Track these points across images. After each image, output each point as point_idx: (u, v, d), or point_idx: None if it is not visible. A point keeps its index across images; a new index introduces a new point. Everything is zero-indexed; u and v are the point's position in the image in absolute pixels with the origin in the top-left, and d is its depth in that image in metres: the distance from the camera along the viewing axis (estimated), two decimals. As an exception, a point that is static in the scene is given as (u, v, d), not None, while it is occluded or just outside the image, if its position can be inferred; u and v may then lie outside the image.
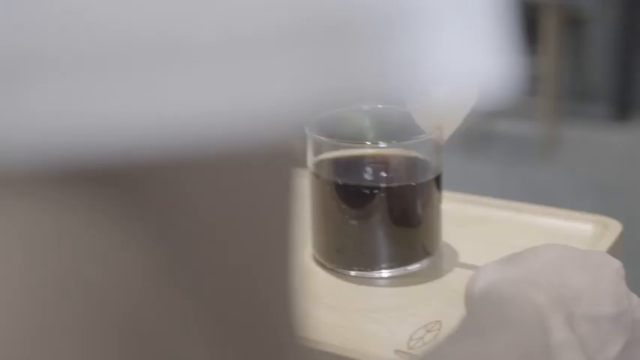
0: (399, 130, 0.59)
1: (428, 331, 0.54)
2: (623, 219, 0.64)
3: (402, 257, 0.59)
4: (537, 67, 3.55)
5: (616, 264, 0.52)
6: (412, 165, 0.59)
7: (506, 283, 0.49)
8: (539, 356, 0.45)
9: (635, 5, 3.75)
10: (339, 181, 0.58)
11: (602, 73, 4.07)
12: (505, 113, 3.65)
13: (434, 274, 0.59)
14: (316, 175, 0.59)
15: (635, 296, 0.52)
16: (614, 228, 0.64)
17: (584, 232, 0.64)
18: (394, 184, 0.58)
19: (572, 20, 3.94)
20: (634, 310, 0.51)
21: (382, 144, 0.58)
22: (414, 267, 0.59)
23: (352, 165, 0.59)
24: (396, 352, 0.52)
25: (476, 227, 0.65)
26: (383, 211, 0.58)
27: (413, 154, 0.59)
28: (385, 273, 0.59)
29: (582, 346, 0.48)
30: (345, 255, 0.60)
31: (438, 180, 0.59)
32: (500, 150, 3.34)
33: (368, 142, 0.60)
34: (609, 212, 0.56)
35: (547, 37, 3.47)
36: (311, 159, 0.59)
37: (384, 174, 0.58)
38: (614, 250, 0.62)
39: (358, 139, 0.61)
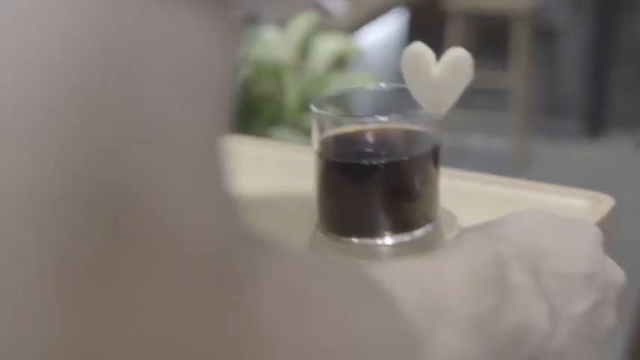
0: (400, 107, 0.67)
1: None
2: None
3: (401, 225, 0.67)
4: (508, 82, 3.62)
5: (594, 230, 0.57)
6: (410, 138, 0.68)
7: (476, 235, 0.54)
8: (492, 289, 0.49)
9: (608, 16, 3.83)
10: (340, 154, 0.67)
11: (575, 88, 4.15)
12: (476, 128, 3.73)
13: (432, 241, 0.68)
14: (319, 150, 0.67)
15: (610, 260, 0.57)
16: (607, 203, 0.72)
17: (577, 206, 0.72)
18: (392, 156, 0.66)
19: (543, 33, 4.04)
20: (607, 274, 0.56)
21: (381, 118, 0.66)
22: (413, 234, 0.68)
23: (353, 139, 0.68)
24: None
25: (472, 201, 0.74)
26: (382, 182, 0.66)
27: (411, 127, 0.67)
28: (384, 240, 0.67)
29: (546, 298, 0.51)
30: (348, 224, 0.68)
31: (436, 151, 0.67)
32: (471, 165, 3.43)
33: (368, 117, 0.69)
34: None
35: (518, 50, 3.54)
36: (315, 135, 0.68)
37: (382, 147, 0.67)
38: (605, 224, 0.69)
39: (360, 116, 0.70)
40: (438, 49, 0.65)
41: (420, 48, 0.65)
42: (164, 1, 0.28)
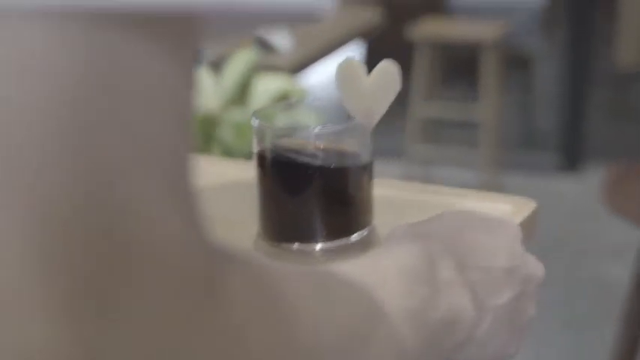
0: (333, 119, 0.77)
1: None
2: (569, 271, 0.76)
3: (338, 230, 0.77)
4: (478, 113, 3.69)
5: (514, 227, 0.66)
6: (344, 147, 0.77)
7: (403, 233, 0.63)
8: (423, 283, 0.57)
9: (582, 43, 3.89)
10: (278, 164, 0.76)
11: (549, 119, 4.23)
12: (444, 161, 3.80)
13: (369, 244, 0.77)
14: (259, 160, 0.77)
15: (531, 256, 0.65)
16: (528, 206, 0.84)
17: (502, 209, 0.83)
18: (327, 165, 0.76)
19: (515, 61, 4.11)
20: (528, 268, 0.64)
21: (317, 129, 0.76)
22: (350, 238, 0.77)
23: (290, 149, 0.77)
24: None
25: (406, 207, 0.84)
26: (318, 189, 0.76)
27: (344, 137, 0.77)
28: (323, 245, 0.77)
29: (471, 289, 0.59)
30: (288, 231, 0.77)
31: (368, 160, 0.77)
32: (440, 200, 3.51)
33: (304, 128, 0.78)
34: (556, 265, 0.67)
35: (488, 80, 3.61)
36: (255, 145, 0.77)
37: (318, 156, 0.76)
38: (526, 225, 0.80)
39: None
40: (405, 80, 0.74)
41: (352, 62, 0.74)
42: (134, 41, 0.35)
